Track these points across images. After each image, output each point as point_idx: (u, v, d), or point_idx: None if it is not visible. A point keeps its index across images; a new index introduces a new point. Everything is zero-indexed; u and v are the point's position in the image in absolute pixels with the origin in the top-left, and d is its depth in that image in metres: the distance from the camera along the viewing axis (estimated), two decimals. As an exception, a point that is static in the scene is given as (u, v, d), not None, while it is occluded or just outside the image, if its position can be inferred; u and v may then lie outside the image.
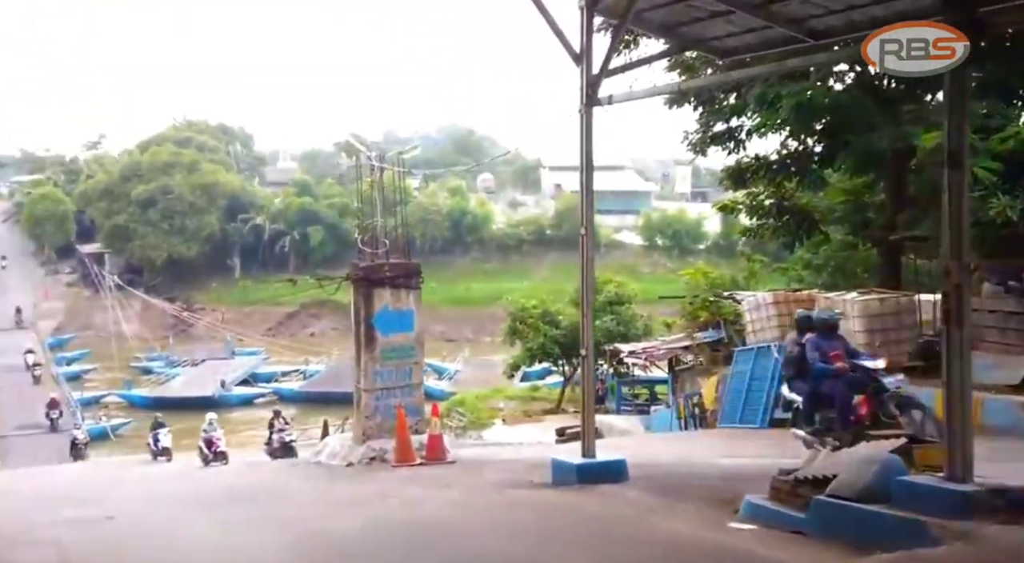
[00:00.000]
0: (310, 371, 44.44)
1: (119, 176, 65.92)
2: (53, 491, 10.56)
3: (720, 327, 17.44)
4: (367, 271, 11.40)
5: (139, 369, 46.66)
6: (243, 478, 10.61)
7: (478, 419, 25.91)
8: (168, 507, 8.01)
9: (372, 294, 11.14)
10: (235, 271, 66.36)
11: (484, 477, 8.91)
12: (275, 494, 8.46)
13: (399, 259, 12.12)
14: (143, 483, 11.28)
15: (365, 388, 10.99)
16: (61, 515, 7.63)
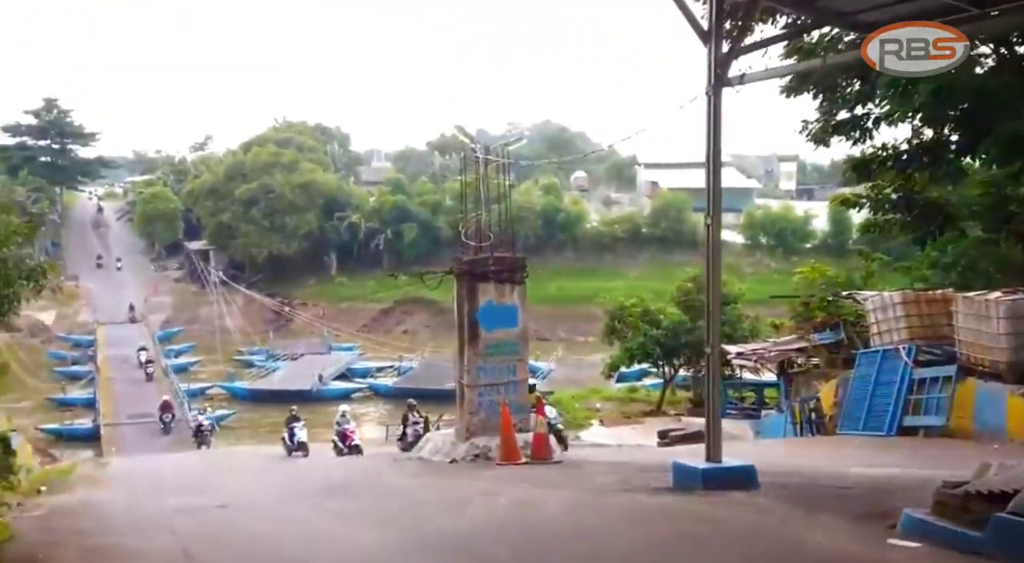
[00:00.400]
0: (404, 367, 44.83)
1: (224, 176, 68.55)
2: (171, 479, 10.65)
3: (839, 328, 16.25)
4: (471, 265, 11.05)
5: (241, 362, 48.22)
6: (348, 471, 10.38)
7: (575, 419, 25.38)
8: (280, 498, 7.82)
9: (476, 288, 10.78)
10: (331, 268, 67.91)
11: (595, 479, 8.37)
12: (383, 490, 8.17)
13: (503, 253, 11.64)
14: (257, 472, 11.24)
15: (468, 384, 10.64)
16: (177, 502, 7.54)
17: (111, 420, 33.43)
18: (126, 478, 12.42)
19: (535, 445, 9.98)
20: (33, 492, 10.15)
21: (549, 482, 7.95)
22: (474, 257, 11.39)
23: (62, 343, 53.09)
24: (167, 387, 39.73)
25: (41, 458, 27.87)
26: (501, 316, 10.83)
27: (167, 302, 63.61)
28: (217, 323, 51.09)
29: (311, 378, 41.64)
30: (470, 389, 10.68)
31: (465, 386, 10.75)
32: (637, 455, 11.39)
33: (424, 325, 59.82)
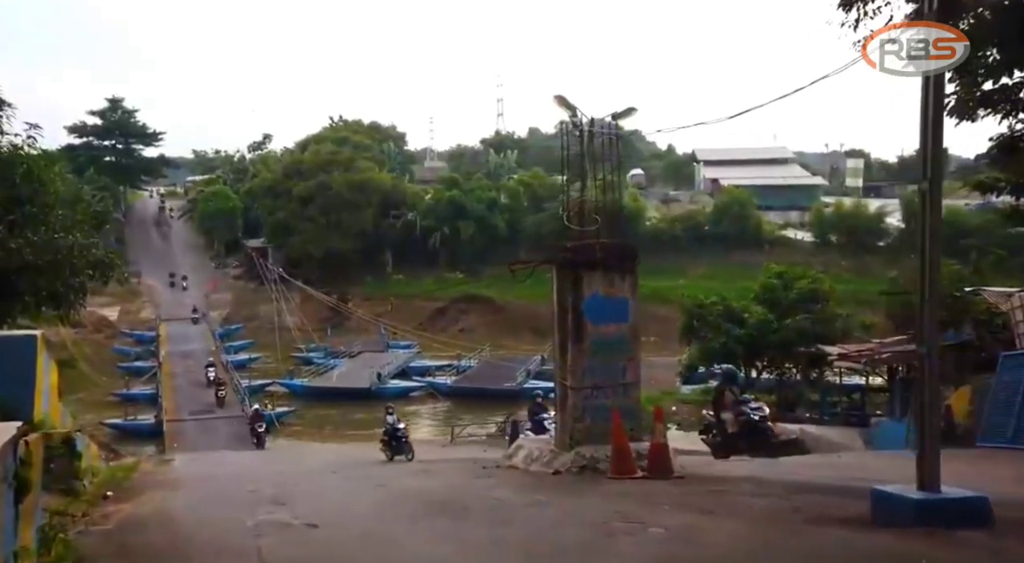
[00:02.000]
0: (463, 366, 43.98)
1: (282, 174, 68.84)
2: (243, 483, 9.77)
3: (962, 328, 14.62)
4: (576, 252, 9.84)
5: (299, 359, 48.00)
6: (442, 482, 9.32)
7: (649, 423, 24.03)
8: (372, 515, 6.82)
9: (581, 278, 9.59)
10: (387, 266, 67.61)
11: (751, 504, 6.99)
12: (494, 508, 7.06)
13: (608, 239, 10.32)
14: (336, 479, 10.28)
15: (572, 386, 9.46)
16: (260, 518, 6.57)
17: (173, 416, 33.32)
18: (195, 481, 11.60)
19: (653, 457, 8.76)
20: (98, 498, 9.34)
21: (695, 506, 6.71)
22: (578, 243, 10.17)
23: (125, 339, 53.74)
24: (225, 379, 39.61)
25: (105, 453, 27.81)
26: (610, 309, 9.60)
27: (227, 299, 64.13)
28: (276, 320, 51.01)
29: (370, 376, 41.11)
30: (574, 392, 9.50)
31: (568, 388, 9.57)
32: (762, 469, 10.03)
33: (481, 323, 59.00)
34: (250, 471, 14.42)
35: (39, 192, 12.64)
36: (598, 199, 10.33)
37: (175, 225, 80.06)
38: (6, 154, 12.35)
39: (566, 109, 9.83)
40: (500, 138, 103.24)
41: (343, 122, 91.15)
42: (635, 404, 9.75)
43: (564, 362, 9.79)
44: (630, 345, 9.79)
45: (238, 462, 21.80)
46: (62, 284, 12.80)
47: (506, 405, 37.51)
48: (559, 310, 9.98)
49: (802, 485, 7.02)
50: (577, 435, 9.39)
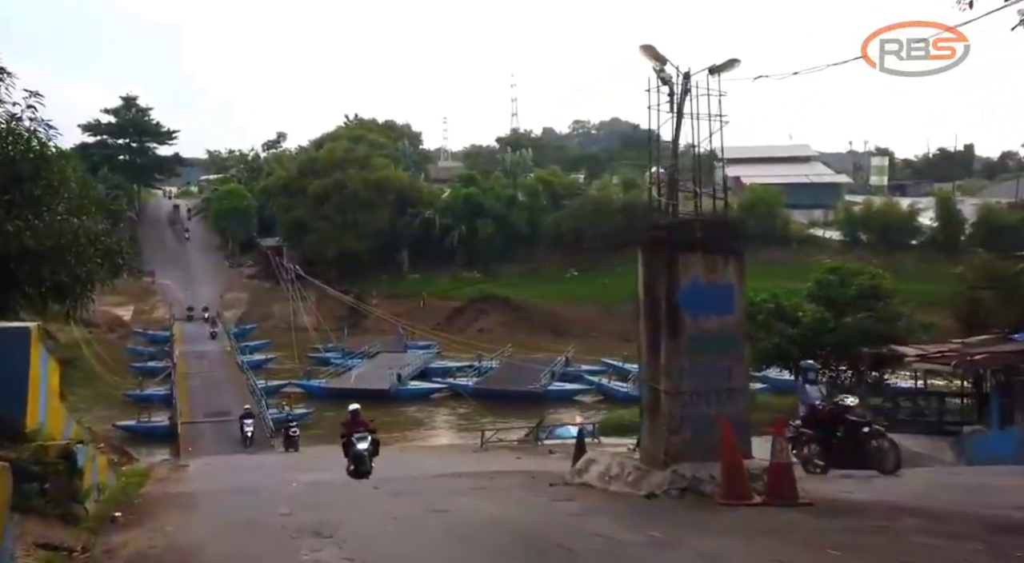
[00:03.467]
0: (484, 367, 42.53)
1: (297, 172, 67.67)
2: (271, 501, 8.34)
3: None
4: (671, 230, 8.30)
5: (316, 359, 46.70)
6: (512, 506, 7.82)
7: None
8: (448, 555, 5.37)
9: (677, 261, 8.06)
10: (404, 265, 66.29)
11: (943, 548, 5.33)
12: (600, 549, 5.54)
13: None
14: (380, 499, 8.81)
15: (668, 391, 7.93)
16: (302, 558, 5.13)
17: (187, 418, 32.06)
18: (214, 499, 10.15)
19: (774, 479, 7.22)
20: (105, 522, 7.91)
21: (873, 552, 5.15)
22: (671, 220, 8.63)
23: (139, 339, 52.64)
24: (241, 380, 38.46)
25: (117, 457, 26.55)
26: (713, 299, 8.06)
27: (242, 298, 62.99)
28: (292, 320, 49.74)
29: (389, 377, 39.70)
30: (669, 398, 7.94)
31: (661, 394, 8.04)
32: (893, 491, 8.40)
33: (499, 323, 57.60)
34: (274, 482, 12.99)
35: (42, 170, 11.24)
36: (693, 168, 8.79)
37: (189, 224, 78.87)
38: (3, 126, 10.96)
39: (654, 60, 8.33)
40: (516, 136, 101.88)
41: (358, 121, 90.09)
42: (743, 414, 8.16)
43: (654, 362, 8.25)
44: (736, 342, 8.23)
45: (258, 468, 20.42)
46: (67, 274, 11.40)
47: (530, 407, 36.05)
48: (647, 299, 8.47)
49: (996, 522, 5.48)
50: (673, 450, 7.84)
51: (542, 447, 23.82)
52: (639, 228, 8.92)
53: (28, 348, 7.28)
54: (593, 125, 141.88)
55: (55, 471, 7.12)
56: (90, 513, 7.55)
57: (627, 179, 68.47)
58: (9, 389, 7.14)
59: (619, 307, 56.45)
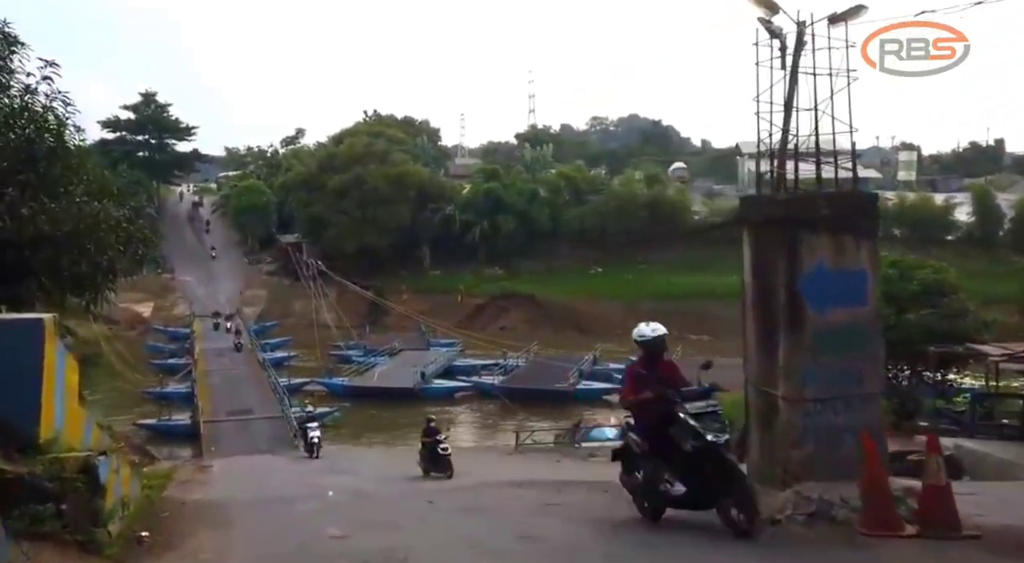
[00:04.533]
0: (510, 365, 41.45)
1: (316, 167, 66.90)
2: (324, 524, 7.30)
3: None
4: (791, 205, 7.10)
5: (337, 357, 45.83)
6: (607, 530, 6.67)
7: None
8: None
9: (799, 243, 6.86)
10: (424, 261, 65.32)
11: None
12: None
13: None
14: (447, 517, 7.76)
15: (787, 396, 6.76)
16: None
17: (209, 416, 31.23)
18: (250, 513, 9.13)
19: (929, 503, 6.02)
20: (132, 542, 6.85)
21: None
22: (791, 194, 7.41)
23: (159, 335, 52.02)
24: (263, 378, 37.68)
25: (139, 457, 25.75)
26: (841, 287, 6.80)
27: (261, 295, 62.29)
28: (315, 317, 48.90)
29: (413, 375, 38.71)
30: (789, 405, 6.75)
31: (780, 400, 6.86)
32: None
33: (522, 320, 56.53)
34: (307, 489, 11.96)
35: (59, 149, 10.24)
36: (812, 133, 7.57)
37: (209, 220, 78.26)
38: (17, 100, 9.96)
39: (765, 8, 7.17)
40: (535, 132, 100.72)
41: (376, 117, 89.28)
42: (877, 424, 6.91)
43: (767, 363, 7.08)
44: (869, 338, 6.99)
45: (284, 471, 19.46)
46: (87, 263, 10.40)
47: (557, 407, 34.97)
48: (757, 289, 7.28)
49: None
50: (794, 467, 6.67)
51: (580, 449, 22.70)
52: (747, 205, 7.66)
53: (42, 343, 6.24)
54: (611, 121, 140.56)
55: (73, 489, 6.10)
56: (114, 536, 6.47)
57: (650, 174, 67.19)
58: (20, 391, 6.11)
59: (644, 304, 55.36)
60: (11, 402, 6.02)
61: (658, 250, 60.18)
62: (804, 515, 6.25)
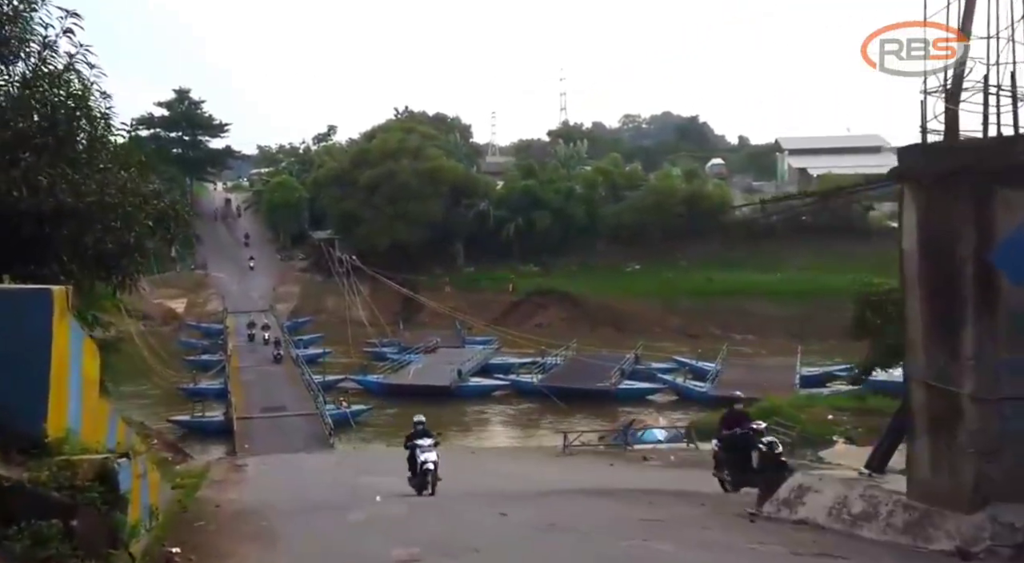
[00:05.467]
0: (548, 363, 40.14)
1: (349, 163, 66.14)
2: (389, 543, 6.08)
3: None
4: (981, 154, 5.65)
5: (371, 354, 44.90)
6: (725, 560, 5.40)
7: (807, 433, 19.86)
8: None
9: (993, 200, 5.43)
10: (458, 258, 64.20)
11: None
12: None
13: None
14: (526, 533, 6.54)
15: (977, 395, 5.38)
16: None
17: (242, 413, 30.41)
18: (296, 524, 7.94)
19: None
20: (160, 561, 5.63)
21: None
22: (981, 140, 5.92)
23: (192, 331, 51.54)
24: (296, 375, 36.84)
25: (172, 454, 24.96)
26: (1049, 258, 5.38)
27: (294, 292, 61.68)
28: (347, 313, 48.01)
29: (448, 373, 37.55)
30: (980, 406, 5.38)
31: (966, 399, 5.48)
32: None
33: (558, 318, 55.19)
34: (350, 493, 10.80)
35: (82, 114, 9.13)
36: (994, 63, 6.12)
37: (241, 217, 77.94)
38: (35, 57, 8.86)
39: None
40: (568, 129, 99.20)
41: (408, 113, 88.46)
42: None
43: (942, 351, 5.69)
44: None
45: (320, 471, 18.37)
46: (113, 240, 9.28)
47: (598, 406, 33.58)
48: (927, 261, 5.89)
49: None
50: (987, 484, 5.30)
51: (632, 452, 21.34)
52: (911, 156, 6.16)
53: (49, 321, 5.07)
54: (644, 119, 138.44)
55: (87, 500, 4.91)
56: (138, 557, 5.28)
57: (689, 169, 65.47)
58: (21, 379, 4.96)
59: (683, 302, 53.76)
60: (9, 391, 4.86)
61: (696, 247, 58.49)
62: (1012, 547, 4.86)
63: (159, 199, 10.56)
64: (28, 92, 8.70)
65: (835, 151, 76.08)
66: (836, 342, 47.17)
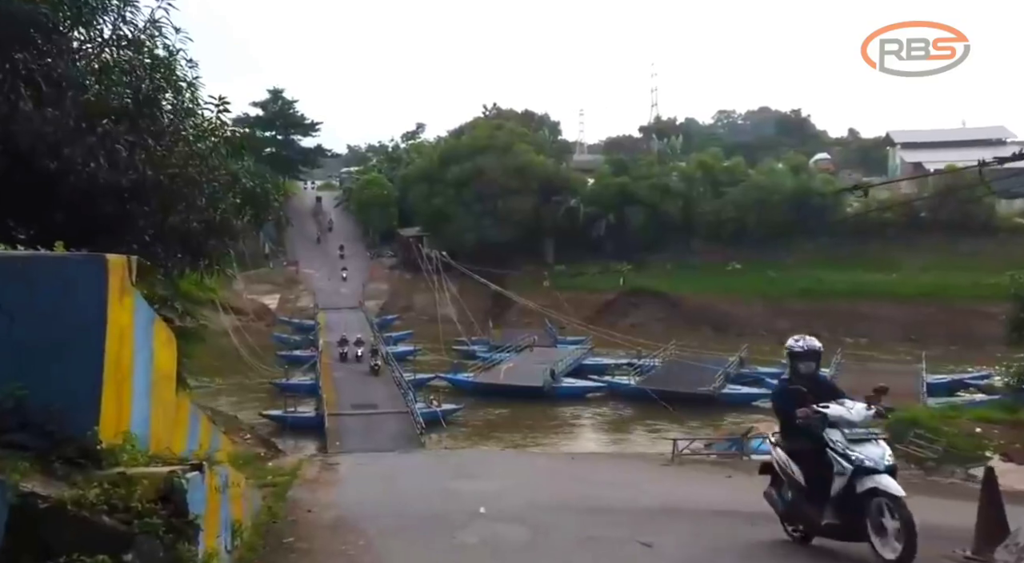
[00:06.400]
0: (646, 365, 38.35)
1: (438, 160, 65.89)
2: None
3: None
4: None
5: (460, 352, 44.16)
6: None
7: (955, 448, 17.59)
8: None
9: None
10: (548, 256, 62.95)
11: None
12: None
13: None
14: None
15: None
16: None
17: (334, 409, 30.04)
18: (395, 537, 6.77)
19: None
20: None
21: None
22: None
23: (285, 327, 52.16)
24: (387, 372, 36.37)
25: (264, 450, 24.66)
26: None
27: (383, 289, 61.84)
28: (437, 311, 47.47)
29: (541, 373, 36.29)
30: None
31: None
32: None
33: (654, 318, 53.14)
34: (456, 505, 9.63)
35: (164, 80, 8.22)
36: None
37: (331, 215, 78.99)
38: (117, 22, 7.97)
39: None
40: (661, 124, 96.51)
41: (496, 110, 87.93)
42: None
43: None
44: None
45: (416, 474, 17.36)
46: (197, 218, 8.36)
47: (699, 412, 31.59)
48: None
49: None
50: None
51: (749, 463, 19.43)
52: None
53: (103, 298, 3.95)
54: (739, 115, 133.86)
55: (147, 527, 3.78)
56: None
57: (795, 163, 62.15)
58: (67, 371, 3.85)
59: (790, 303, 50.78)
60: (53, 387, 3.77)
61: (802, 245, 55.28)
62: None
63: (249, 178, 9.62)
64: (109, 52, 7.84)
65: (954, 144, 71.05)
66: (959, 347, 43.59)
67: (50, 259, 3.92)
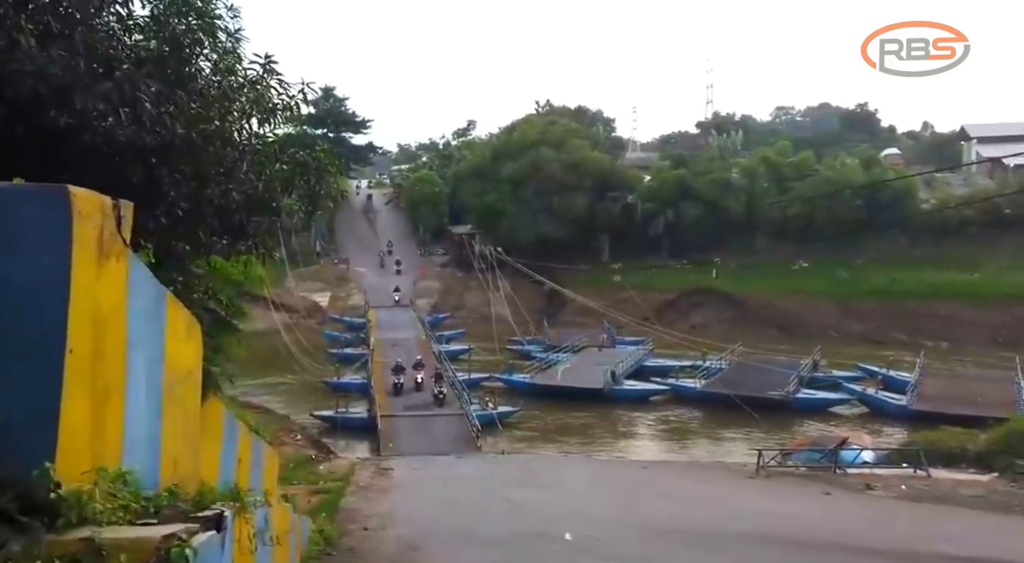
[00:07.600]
0: (712, 368, 36.31)
1: (490, 157, 64.52)
2: None
3: None
4: None
5: (515, 352, 42.66)
6: None
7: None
8: None
9: None
10: (603, 253, 61.04)
11: None
12: None
13: None
14: None
15: None
16: None
17: (385, 410, 28.88)
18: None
19: None
20: None
21: None
22: None
23: (336, 325, 51.44)
24: (441, 371, 35.06)
25: (316, 452, 23.63)
26: None
27: (434, 287, 60.78)
28: (491, 309, 46.09)
29: (600, 375, 34.55)
30: None
31: None
32: None
33: (716, 319, 50.92)
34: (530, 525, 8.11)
35: (199, 27, 6.84)
36: None
37: (383, 212, 78.32)
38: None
39: None
40: (719, 120, 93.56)
41: (548, 106, 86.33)
42: None
43: None
44: None
45: (476, 481, 15.93)
46: (238, 188, 6.98)
47: (770, 418, 29.44)
48: None
49: None
50: None
51: (845, 477, 17.54)
52: None
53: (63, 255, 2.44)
54: (798, 111, 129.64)
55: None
56: None
57: (866, 157, 59.06)
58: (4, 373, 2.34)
59: (862, 304, 48.04)
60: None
61: (875, 243, 52.33)
62: None
63: (300, 148, 8.21)
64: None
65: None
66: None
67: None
